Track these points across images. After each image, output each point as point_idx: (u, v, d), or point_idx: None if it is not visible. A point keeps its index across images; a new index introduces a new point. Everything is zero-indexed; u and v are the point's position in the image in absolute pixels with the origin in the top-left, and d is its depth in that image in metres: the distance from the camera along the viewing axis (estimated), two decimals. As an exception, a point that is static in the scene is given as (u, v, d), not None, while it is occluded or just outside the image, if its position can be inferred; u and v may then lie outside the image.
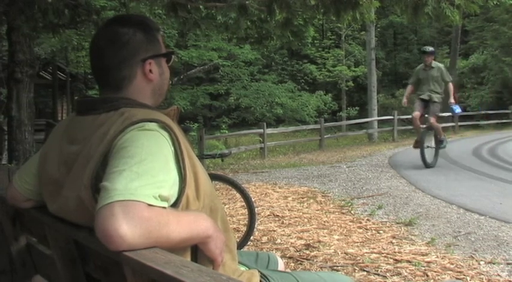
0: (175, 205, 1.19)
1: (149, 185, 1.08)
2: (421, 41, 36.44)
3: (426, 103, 8.98)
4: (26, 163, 1.57)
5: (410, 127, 20.98)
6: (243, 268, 1.52)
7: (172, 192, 1.17)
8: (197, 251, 1.24)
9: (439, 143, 9.08)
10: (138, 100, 1.35)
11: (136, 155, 1.12)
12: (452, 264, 3.71)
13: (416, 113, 9.01)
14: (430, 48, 9.26)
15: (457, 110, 9.15)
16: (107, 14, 10.90)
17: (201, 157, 4.81)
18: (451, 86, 8.93)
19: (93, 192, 1.16)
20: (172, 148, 1.21)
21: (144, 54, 1.38)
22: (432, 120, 8.82)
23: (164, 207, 1.10)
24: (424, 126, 9.06)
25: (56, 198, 1.33)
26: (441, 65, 9.16)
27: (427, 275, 3.46)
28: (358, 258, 3.90)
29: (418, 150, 9.01)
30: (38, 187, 1.46)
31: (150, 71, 1.38)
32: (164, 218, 1.08)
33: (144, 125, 1.20)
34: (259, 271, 1.51)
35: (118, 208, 1.03)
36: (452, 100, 8.89)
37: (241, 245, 4.12)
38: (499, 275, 3.50)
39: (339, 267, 3.70)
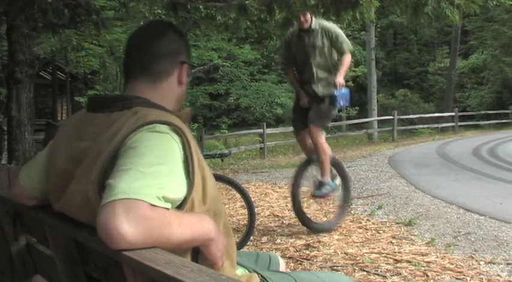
0: (179, 208, 1.19)
1: (154, 186, 1.08)
2: (421, 41, 36.49)
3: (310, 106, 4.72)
4: (33, 160, 1.56)
5: (411, 127, 21.05)
6: (242, 269, 1.52)
7: (177, 196, 1.16)
8: (197, 254, 1.24)
9: (320, 186, 4.71)
10: (152, 100, 1.35)
11: (145, 155, 1.13)
12: (452, 264, 3.71)
13: (301, 136, 4.82)
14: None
15: (341, 101, 4.60)
16: (106, 14, 10.89)
17: (201, 157, 4.78)
18: (347, 57, 4.68)
19: (99, 188, 1.15)
20: (182, 152, 1.21)
21: (184, 57, 1.45)
22: (314, 131, 4.58)
23: (167, 209, 1.10)
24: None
25: (62, 194, 1.32)
26: (333, 25, 4.80)
27: (427, 275, 3.46)
28: (358, 258, 3.90)
29: (418, 150, 8.53)
30: (44, 186, 1.45)
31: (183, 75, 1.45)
32: (166, 219, 1.08)
33: (155, 126, 1.20)
34: (258, 273, 1.50)
35: (120, 206, 1.03)
36: (339, 79, 4.55)
37: (241, 245, 4.12)
38: (499, 275, 3.50)
39: (339, 267, 3.70)
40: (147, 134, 1.19)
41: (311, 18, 4.66)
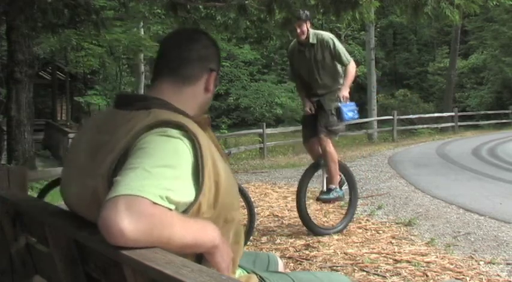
0: (185, 211, 1.19)
1: (158, 185, 1.10)
2: (420, 41, 36.50)
3: (315, 114, 4.73)
4: None
5: (410, 127, 21.03)
6: (240, 270, 1.52)
7: (182, 199, 1.16)
8: (201, 259, 1.23)
9: (328, 191, 4.76)
10: (174, 103, 1.36)
11: (152, 156, 1.14)
12: (451, 264, 3.71)
13: (309, 144, 4.87)
14: (304, 12, 4.68)
15: (348, 114, 4.58)
16: (106, 14, 10.89)
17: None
18: (351, 69, 4.65)
19: (108, 184, 1.16)
20: (193, 158, 1.21)
21: (214, 65, 1.46)
22: (324, 140, 4.59)
23: (170, 209, 1.11)
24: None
25: (74, 187, 1.33)
26: (329, 35, 4.71)
27: (427, 275, 3.46)
28: (358, 258, 3.90)
29: (418, 150, 8.48)
30: None
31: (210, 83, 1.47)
32: (168, 219, 1.09)
33: (166, 130, 1.21)
34: (256, 274, 1.50)
35: (122, 202, 1.04)
36: (344, 93, 4.58)
37: (240, 245, 4.11)
38: (498, 275, 3.50)
39: (339, 268, 3.70)
40: (157, 138, 1.19)
41: (307, 30, 4.61)
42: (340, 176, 4.84)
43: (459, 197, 6.33)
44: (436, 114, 21.88)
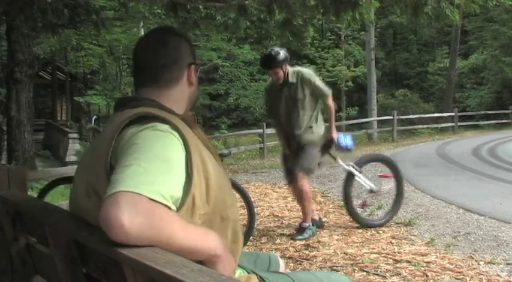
0: (181, 206, 1.20)
1: (154, 182, 1.10)
2: (420, 41, 36.49)
3: (295, 155, 4.69)
4: None
5: (410, 127, 21.02)
6: (240, 270, 1.52)
7: (178, 193, 1.18)
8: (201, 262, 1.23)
9: (302, 231, 4.56)
10: (164, 104, 1.40)
11: (146, 152, 1.16)
12: (451, 264, 3.71)
13: (293, 185, 4.71)
14: (276, 52, 4.52)
15: (348, 145, 4.96)
16: (106, 14, 10.89)
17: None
18: (330, 103, 4.63)
19: (106, 181, 1.17)
20: (184, 151, 1.23)
21: (190, 59, 1.49)
22: (301, 178, 4.53)
23: (169, 208, 1.11)
24: None
25: (79, 187, 1.36)
26: (308, 72, 4.68)
27: (427, 275, 3.46)
28: (358, 258, 3.90)
29: (418, 150, 8.40)
30: None
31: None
32: (168, 217, 1.09)
33: (156, 125, 1.24)
34: (256, 274, 1.50)
35: (121, 198, 1.05)
36: (333, 134, 4.73)
37: (240, 245, 4.11)
38: (498, 275, 3.50)
39: (339, 268, 3.70)
40: (149, 133, 1.21)
41: (283, 72, 4.55)
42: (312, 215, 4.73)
43: (459, 197, 6.33)
44: (436, 114, 21.86)
